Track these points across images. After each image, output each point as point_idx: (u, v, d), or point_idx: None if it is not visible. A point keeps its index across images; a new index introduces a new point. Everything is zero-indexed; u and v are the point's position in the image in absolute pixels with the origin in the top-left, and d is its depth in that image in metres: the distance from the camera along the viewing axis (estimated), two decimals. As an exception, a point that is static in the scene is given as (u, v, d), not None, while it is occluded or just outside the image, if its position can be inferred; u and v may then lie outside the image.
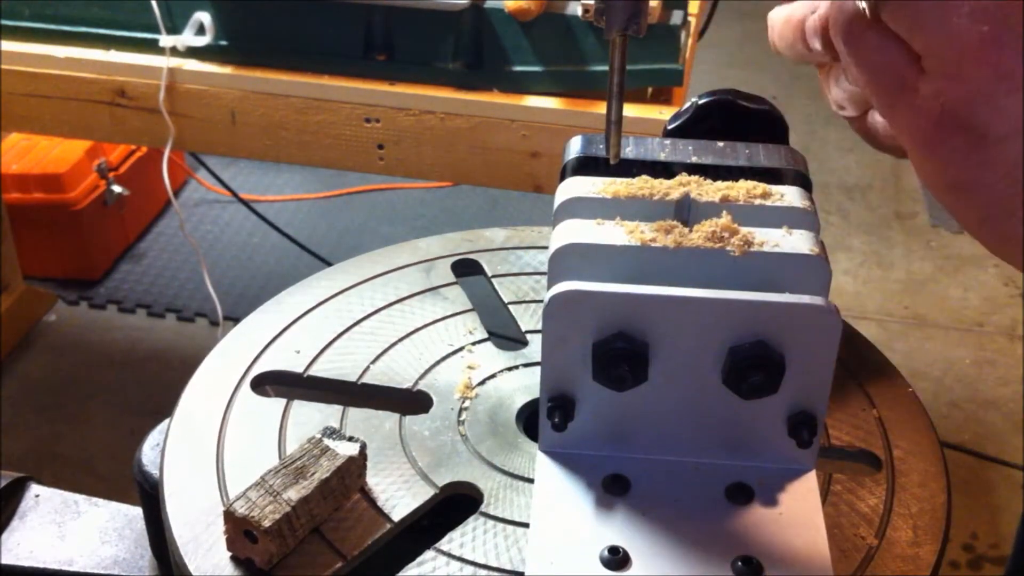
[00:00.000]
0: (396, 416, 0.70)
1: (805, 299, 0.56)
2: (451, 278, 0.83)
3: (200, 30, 1.59)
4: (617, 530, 0.58)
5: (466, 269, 0.85)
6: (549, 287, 0.58)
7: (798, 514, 0.59)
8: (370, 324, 0.78)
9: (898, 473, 0.67)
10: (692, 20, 1.58)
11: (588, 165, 0.63)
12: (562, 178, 0.64)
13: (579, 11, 1.45)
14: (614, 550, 0.56)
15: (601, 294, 0.56)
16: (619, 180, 0.61)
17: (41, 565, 0.74)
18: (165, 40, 1.59)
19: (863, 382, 0.74)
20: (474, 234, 0.89)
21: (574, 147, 0.64)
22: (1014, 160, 0.45)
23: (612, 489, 0.60)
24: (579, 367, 0.59)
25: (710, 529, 0.58)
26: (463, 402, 0.71)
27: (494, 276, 0.84)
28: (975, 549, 1.99)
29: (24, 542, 0.76)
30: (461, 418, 0.70)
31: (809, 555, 0.57)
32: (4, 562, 0.74)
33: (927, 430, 0.70)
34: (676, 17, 1.49)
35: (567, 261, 0.58)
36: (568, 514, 0.59)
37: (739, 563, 0.56)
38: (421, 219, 2.82)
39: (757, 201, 0.60)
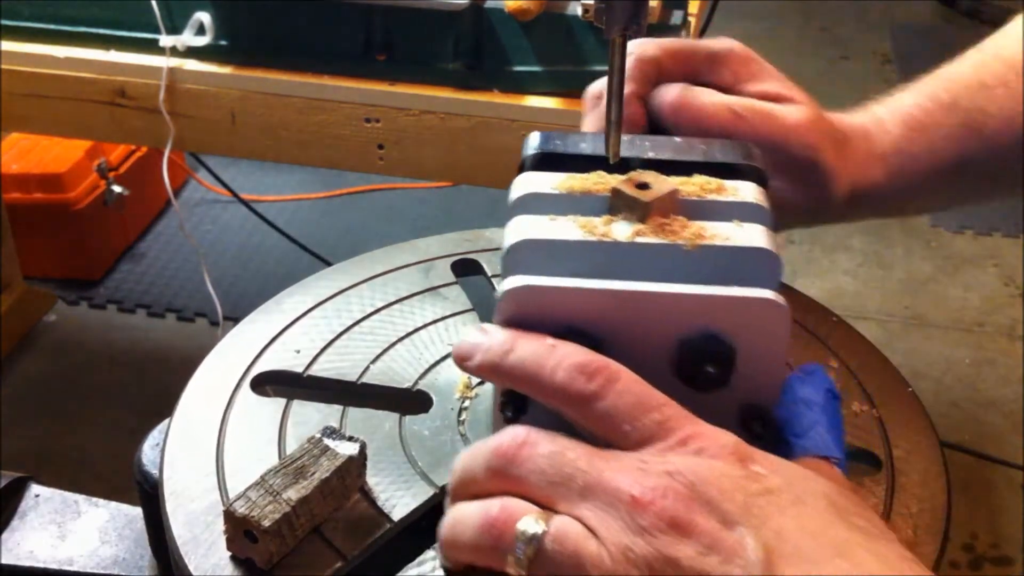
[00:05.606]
0: (396, 416, 0.70)
1: (754, 292, 0.56)
2: (451, 278, 0.83)
3: (200, 30, 1.59)
4: None
5: (466, 269, 0.85)
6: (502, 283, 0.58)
7: None
8: (370, 324, 0.78)
9: (898, 473, 0.67)
10: (692, 20, 1.58)
11: (545, 161, 0.63)
12: (520, 174, 0.63)
13: (579, 11, 1.45)
14: None
15: (552, 288, 0.56)
16: (575, 176, 0.61)
17: (41, 565, 0.74)
18: (165, 40, 1.59)
19: (863, 382, 0.74)
20: (474, 234, 0.89)
21: (532, 143, 0.64)
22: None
23: None
24: None
25: None
26: (463, 402, 0.71)
27: (494, 276, 0.84)
28: (975, 549, 1.99)
29: (24, 542, 0.76)
30: (461, 418, 0.70)
31: None
32: (4, 562, 0.74)
33: (927, 430, 0.70)
34: (676, 17, 1.49)
35: (521, 257, 0.58)
36: None
37: None
38: (421, 219, 2.82)
39: (710, 196, 0.60)
